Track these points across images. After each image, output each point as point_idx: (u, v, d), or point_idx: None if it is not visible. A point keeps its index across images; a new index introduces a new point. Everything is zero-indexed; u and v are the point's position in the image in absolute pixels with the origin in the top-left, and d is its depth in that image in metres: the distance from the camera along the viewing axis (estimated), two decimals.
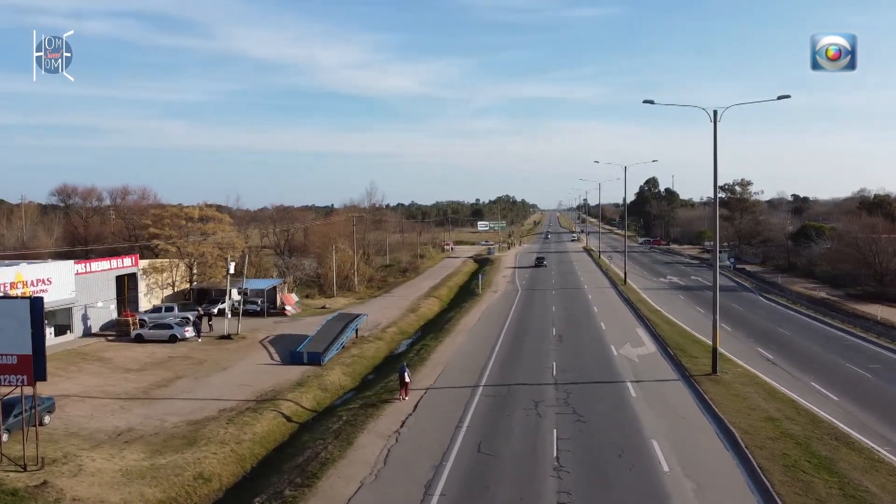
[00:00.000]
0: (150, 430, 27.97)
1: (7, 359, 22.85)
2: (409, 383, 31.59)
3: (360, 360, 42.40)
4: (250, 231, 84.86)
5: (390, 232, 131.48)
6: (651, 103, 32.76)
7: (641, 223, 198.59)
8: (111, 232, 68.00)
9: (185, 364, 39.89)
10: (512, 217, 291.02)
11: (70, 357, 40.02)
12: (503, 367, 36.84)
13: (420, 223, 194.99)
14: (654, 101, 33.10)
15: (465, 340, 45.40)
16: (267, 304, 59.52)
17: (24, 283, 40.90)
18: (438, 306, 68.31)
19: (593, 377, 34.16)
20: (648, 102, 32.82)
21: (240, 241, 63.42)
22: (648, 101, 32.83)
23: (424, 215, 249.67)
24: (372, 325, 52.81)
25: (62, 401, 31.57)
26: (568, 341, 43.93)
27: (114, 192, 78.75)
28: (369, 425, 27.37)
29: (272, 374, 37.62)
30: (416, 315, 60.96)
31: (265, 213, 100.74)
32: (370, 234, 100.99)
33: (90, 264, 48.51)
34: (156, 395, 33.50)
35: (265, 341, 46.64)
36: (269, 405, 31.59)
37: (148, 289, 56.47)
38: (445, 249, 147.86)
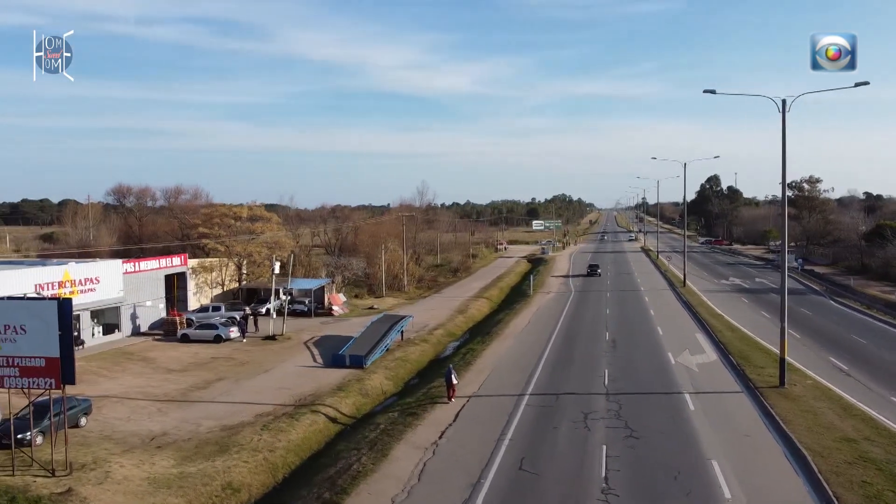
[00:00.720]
0: (184, 435, 27.25)
1: (35, 361, 22.32)
2: (456, 385, 30.80)
3: (404, 363, 41.12)
4: (301, 230, 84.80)
5: (442, 231, 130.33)
6: (712, 93, 30.44)
7: (702, 222, 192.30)
8: (164, 231, 68.76)
9: (227, 365, 39.37)
10: (567, 216, 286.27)
11: (115, 356, 40.02)
12: (552, 374, 34.97)
13: (474, 222, 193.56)
14: (715, 91, 30.74)
15: (512, 344, 43.65)
16: (314, 304, 59.00)
17: (71, 282, 41.15)
18: (488, 308, 66.62)
19: (648, 387, 31.96)
20: (709, 92, 30.52)
21: (288, 241, 63.12)
22: (709, 91, 30.53)
23: (479, 214, 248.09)
24: (418, 327, 51.54)
25: (101, 402, 31.31)
26: (622, 347, 41.68)
27: (167, 192, 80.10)
28: (407, 435, 25.99)
29: (313, 378, 36.68)
30: (465, 317, 59.43)
31: (316, 212, 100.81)
32: (421, 234, 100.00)
33: (139, 264, 48.70)
34: (194, 397, 32.92)
35: (309, 342, 45.89)
36: (306, 410, 30.55)
37: (197, 288, 56.60)
38: (498, 249, 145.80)
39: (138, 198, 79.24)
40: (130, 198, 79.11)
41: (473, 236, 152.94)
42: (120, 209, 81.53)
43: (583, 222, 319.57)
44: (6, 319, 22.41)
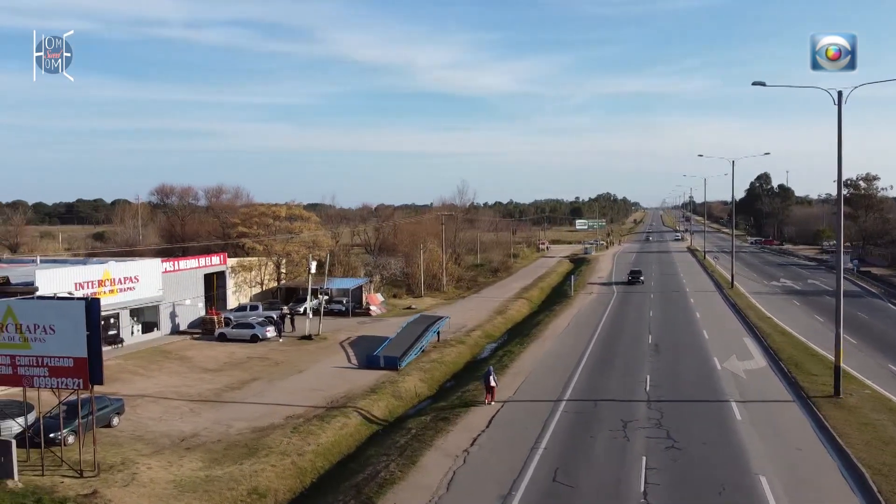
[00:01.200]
0: (214, 437, 26.97)
1: (63, 361, 22.21)
2: (495, 387, 30.13)
3: (440, 365, 40.35)
4: (341, 229, 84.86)
5: (483, 231, 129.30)
6: (762, 85, 28.84)
7: (751, 222, 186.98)
8: (206, 230, 69.49)
9: (261, 365, 39.20)
10: (612, 215, 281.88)
11: (153, 355, 40.24)
12: (590, 378, 33.75)
13: (516, 222, 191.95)
14: (765, 83, 29.11)
15: (551, 347, 42.47)
16: (352, 304, 58.74)
17: (111, 280, 41.54)
18: (528, 308, 65.43)
19: (692, 394, 30.50)
20: (759, 84, 28.90)
21: (327, 240, 63.01)
22: (759, 83, 28.92)
23: (521, 213, 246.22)
24: (456, 328, 50.73)
25: (136, 401, 31.35)
26: (665, 351, 40.13)
27: (209, 192, 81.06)
28: (437, 441, 25.19)
29: (346, 379, 36.20)
30: (504, 317, 58.40)
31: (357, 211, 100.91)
32: (462, 234, 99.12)
33: (178, 263, 49.06)
34: (227, 397, 32.73)
35: (345, 343, 45.51)
36: (337, 413, 30.02)
37: (237, 287, 56.86)
38: (540, 249, 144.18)
39: (180, 197, 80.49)
40: (173, 197, 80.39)
41: (515, 236, 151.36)
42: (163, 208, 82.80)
43: (627, 221, 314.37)
44: (35, 319, 22.37)
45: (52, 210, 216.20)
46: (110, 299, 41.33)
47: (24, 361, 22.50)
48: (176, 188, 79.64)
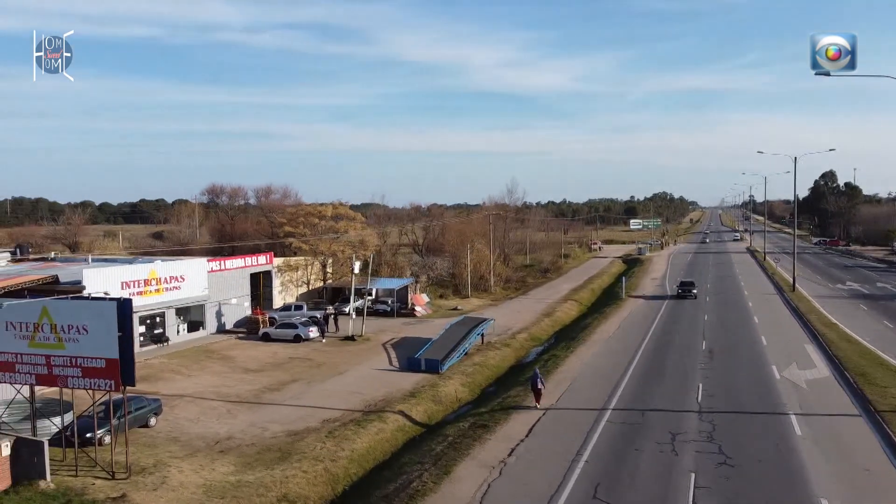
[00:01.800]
0: (249, 440, 26.58)
1: (96, 362, 22.06)
2: (542, 390, 29.55)
3: (482, 369, 39.32)
4: (389, 229, 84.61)
5: (534, 230, 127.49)
6: (826, 75, 26.79)
7: (815, 221, 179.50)
8: (255, 229, 70.10)
9: (302, 366, 38.88)
10: (668, 215, 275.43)
11: (197, 354, 40.39)
12: (638, 386, 32.18)
13: (569, 221, 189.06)
14: (829, 73, 27.05)
15: (599, 352, 40.93)
16: (397, 304, 58.21)
17: (157, 279, 41.89)
18: (577, 311, 63.73)
19: (747, 405, 28.64)
20: (822, 74, 26.87)
21: (373, 240, 62.65)
22: (822, 73, 26.87)
23: (574, 213, 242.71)
24: (501, 330, 49.60)
25: (175, 401, 31.32)
26: (720, 358, 38.13)
27: (258, 191, 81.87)
28: (474, 451, 24.19)
29: (386, 382, 35.51)
30: (551, 320, 56.92)
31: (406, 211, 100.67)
32: (511, 233, 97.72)
33: (224, 262, 49.31)
34: (266, 399, 32.42)
35: (388, 344, 44.91)
36: (375, 417, 29.32)
37: (283, 286, 56.97)
38: (592, 249, 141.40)
39: (230, 197, 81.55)
40: (223, 197, 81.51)
41: (566, 235, 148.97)
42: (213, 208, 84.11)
43: (684, 221, 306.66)
44: (70, 319, 22.31)
45: (116, 210, 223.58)
46: (156, 298, 41.72)
47: (59, 361, 22.48)
48: (226, 188, 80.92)
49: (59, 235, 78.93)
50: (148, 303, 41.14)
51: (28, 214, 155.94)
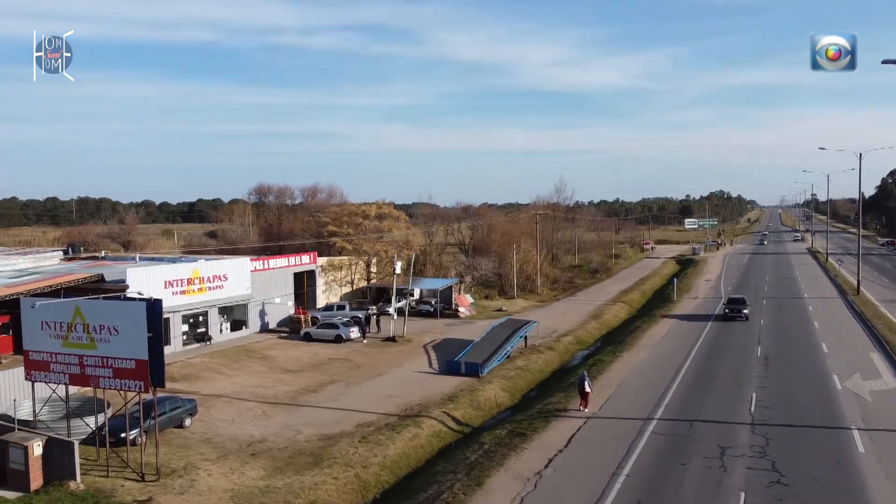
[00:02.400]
0: (281, 443, 26.19)
1: (126, 363, 21.94)
2: (590, 393, 29.07)
3: (524, 373, 38.22)
4: (435, 228, 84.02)
5: (584, 230, 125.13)
6: (893, 63, 24.88)
7: (882, 221, 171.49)
8: (301, 229, 70.45)
9: (341, 367, 38.48)
10: (724, 214, 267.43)
11: (237, 354, 40.43)
12: (687, 395, 30.62)
13: (621, 220, 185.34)
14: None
15: (646, 357, 39.36)
16: (441, 305, 57.46)
17: (200, 279, 42.12)
18: (626, 313, 61.85)
19: (805, 418, 26.85)
20: (890, 63, 24.93)
21: (417, 240, 62.07)
22: (889, 62, 24.95)
23: (627, 212, 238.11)
24: (546, 333, 48.34)
25: (212, 401, 31.24)
26: (776, 366, 36.12)
27: (305, 191, 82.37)
28: (509, 461, 23.22)
29: (425, 385, 34.77)
30: (599, 322, 55.31)
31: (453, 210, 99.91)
32: (560, 233, 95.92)
33: (267, 262, 49.41)
34: (302, 401, 32.07)
35: (429, 346, 44.20)
36: (410, 422, 28.61)
37: (326, 286, 56.90)
38: (645, 249, 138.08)
39: (277, 196, 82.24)
40: (271, 196, 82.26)
41: (618, 235, 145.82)
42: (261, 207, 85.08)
43: (741, 221, 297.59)
44: (101, 319, 22.25)
45: (175, 209, 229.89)
46: (199, 297, 41.97)
47: (91, 362, 22.47)
48: (273, 187, 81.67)
49: (114, 234, 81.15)
50: (191, 302, 41.41)
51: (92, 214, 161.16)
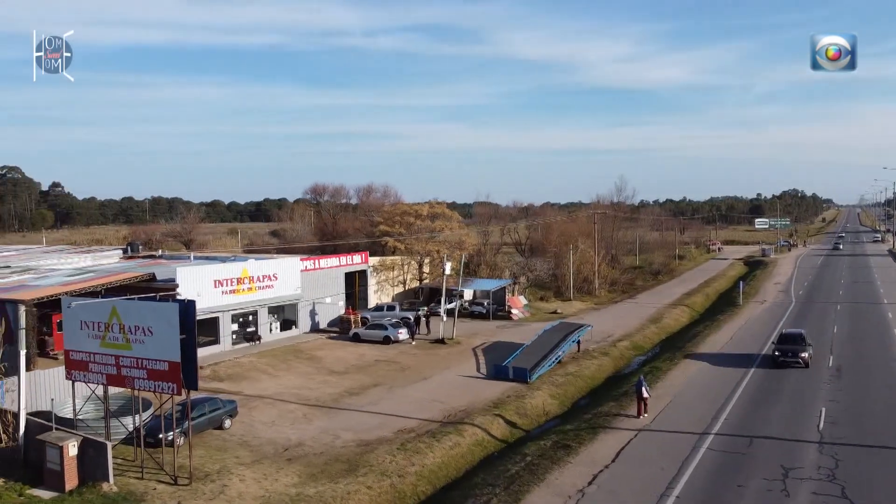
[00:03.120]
0: (318, 448, 25.60)
1: (159, 364, 21.68)
2: (648, 398, 28.43)
3: (575, 379, 36.69)
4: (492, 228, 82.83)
5: (646, 230, 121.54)
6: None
7: None
8: (355, 228, 70.45)
9: (387, 370, 37.80)
10: (797, 214, 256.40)
11: (285, 354, 40.27)
12: (748, 408, 28.58)
13: (687, 220, 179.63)
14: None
15: (706, 365, 37.21)
16: (494, 307, 56.25)
17: (249, 278, 42.19)
18: (688, 317, 59.23)
19: (881, 437, 24.55)
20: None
21: (470, 239, 61.01)
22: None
23: (694, 212, 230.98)
24: (601, 337, 46.57)
25: (255, 402, 31.01)
26: (849, 377, 33.51)
27: (359, 190, 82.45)
28: (551, 475, 21.97)
29: (470, 390, 33.72)
30: (658, 327, 53.04)
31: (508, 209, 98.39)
32: (620, 233, 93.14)
33: (318, 261, 49.28)
34: (344, 404, 31.49)
35: (479, 348, 43.12)
36: (452, 429, 27.61)
37: (378, 286, 56.50)
38: (711, 250, 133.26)
39: (332, 196, 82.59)
40: (326, 196, 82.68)
41: (682, 235, 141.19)
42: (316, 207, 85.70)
43: (816, 220, 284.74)
44: (136, 320, 22.08)
45: (243, 209, 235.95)
46: (249, 297, 42.04)
47: (127, 362, 22.32)
48: (328, 187, 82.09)
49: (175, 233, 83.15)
50: (240, 301, 41.52)
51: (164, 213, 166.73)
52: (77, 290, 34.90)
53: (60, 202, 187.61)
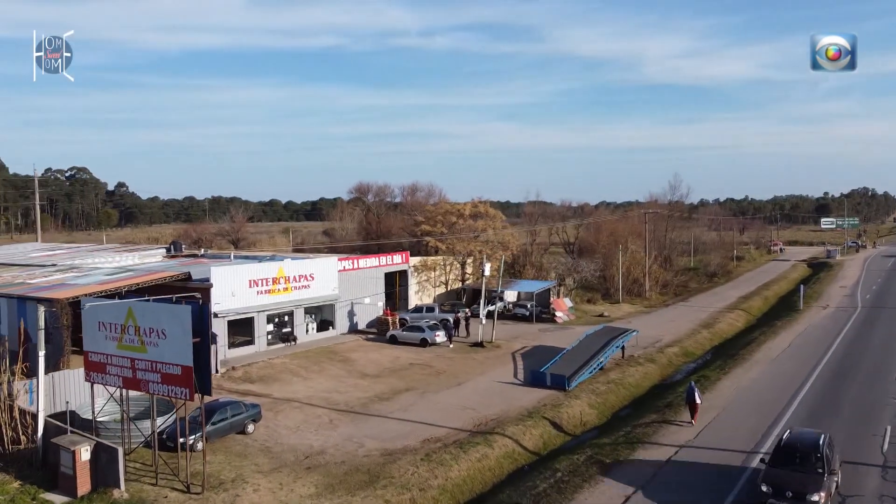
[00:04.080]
0: (340, 457, 24.66)
1: (172, 368, 21.05)
2: (699, 405, 27.24)
3: (617, 388, 34.84)
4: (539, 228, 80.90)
5: (703, 229, 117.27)
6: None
7: None
8: (399, 228, 69.70)
9: (421, 374, 36.70)
10: (867, 213, 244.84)
11: (319, 355, 39.61)
12: (804, 424, 26.23)
13: (748, 219, 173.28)
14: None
15: (760, 375, 34.85)
16: (538, 309, 54.57)
17: (285, 278, 41.72)
18: (743, 322, 56.28)
19: None
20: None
21: (513, 240, 59.42)
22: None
23: (756, 211, 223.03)
24: (648, 342, 44.45)
25: (282, 406, 30.35)
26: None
27: (404, 189, 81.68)
28: (581, 495, 20.51)
29: (505, 397, 32.30)
30: (710, 332, 50.43)
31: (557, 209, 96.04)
32: (674, 233, 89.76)
33: (357, 261, 48.57)
34: (373, 409, 30.49)
35: (518, 353, 41.63)
36: (481, 440, 26.30)
37: (419, 286, 55.54)
38: (772, 250, 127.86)
39: (377, 195, 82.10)
40: (370, 195, 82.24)
41: (742, 235, 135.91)
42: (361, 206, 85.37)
43: (888, 220, 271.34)
44: (151, 322, 21.50)
45: (299, 208, 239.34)
46: (284, 297, 41.58)
47: (142, 365, 21.79)
48: (372, 186, 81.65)
49: (224, 232, 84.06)
50: (276, 301, 41.09)
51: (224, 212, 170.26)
52: (111, 289, 35.16)
53: (125, 201, 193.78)
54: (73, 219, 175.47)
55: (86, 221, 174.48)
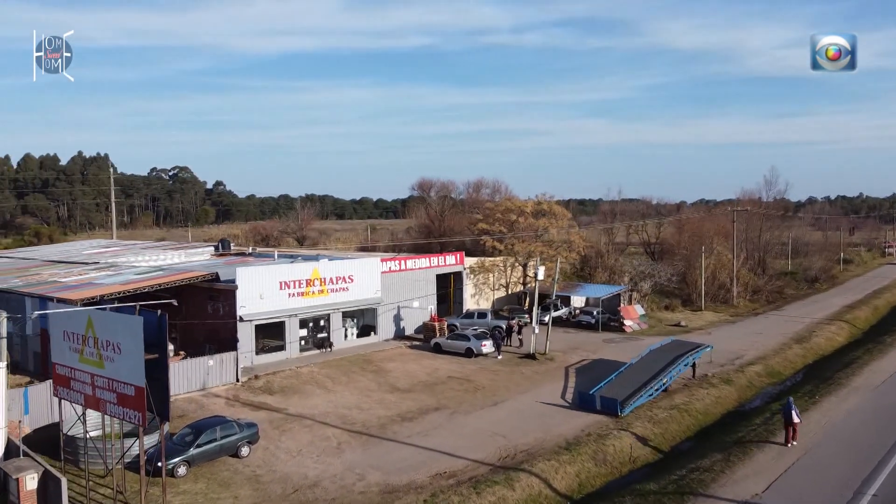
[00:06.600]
0: (333, 492, 21.39)
1: (126, 388, 18.32)
2: (798, 423, 24.79)
3: (681, 415, 29.84)
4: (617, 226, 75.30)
5: (807, 229, 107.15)
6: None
7: None
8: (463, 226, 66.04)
9: (457, 390, 32.91)
10: None
11: (352, 364, 36.55)
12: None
13: (860, 218, 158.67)
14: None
15: (857, 409, 28.96)
16: (606, 316, 49.56)
17: (321, 280, 38.93)
18: (846, 336, 49.11)
19: None
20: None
21: (578, 240, 54.50)
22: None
23: (871, 209, 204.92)
24: (728, 358, 38.91)
25: (292, 423, 27.44)
26: None
27: (469, 186, 77.86)
28: None
29: (544, 423, 28.08)
30: (804, 348, 43.92)
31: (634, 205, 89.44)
32: (770, 233, 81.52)
33: (404, 262, 45.34)
34: (390, 432, 27.02)
35: (573, 367, 37.14)
36: (501, 478, 22.29)
37: (476, 289, 51.75)
38: (887, 253, 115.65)
39: (439, 192, 78.64)
40: (432, 192, 78.90)
41: (852, 236, 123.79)
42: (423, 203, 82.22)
43: None
44: (108, 334, 18.91)
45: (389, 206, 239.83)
46: (320, 300, 38.82)
47: (100, 383, 19.31)
48: (435, 182, 78.31)
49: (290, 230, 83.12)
50: (310, 304, 38.36)
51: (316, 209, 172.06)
52: (131, 290, 33.39)
53: (223, 199, 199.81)
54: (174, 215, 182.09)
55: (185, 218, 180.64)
